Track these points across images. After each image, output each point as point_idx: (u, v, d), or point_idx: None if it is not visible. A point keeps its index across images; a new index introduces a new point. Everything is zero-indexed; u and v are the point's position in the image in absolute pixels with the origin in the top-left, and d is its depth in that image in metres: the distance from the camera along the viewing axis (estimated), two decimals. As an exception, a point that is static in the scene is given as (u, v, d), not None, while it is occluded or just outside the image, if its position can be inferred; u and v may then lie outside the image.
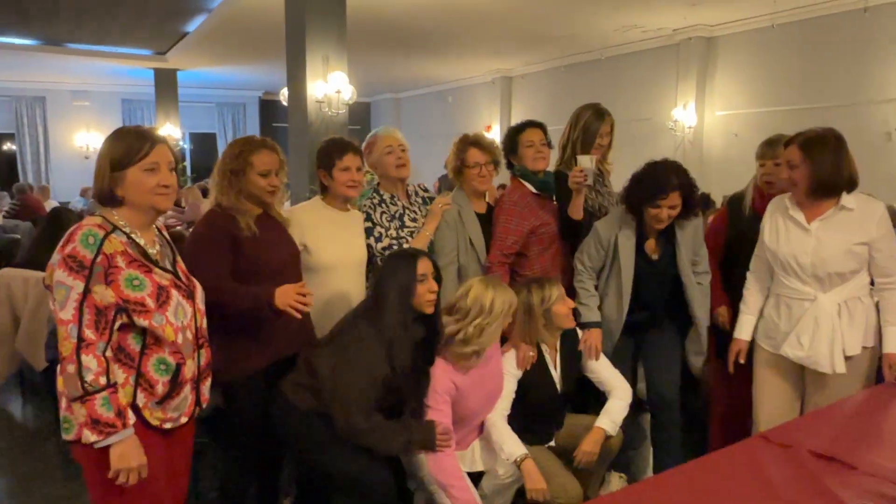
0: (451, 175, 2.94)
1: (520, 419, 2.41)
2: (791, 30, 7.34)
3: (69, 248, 1.61)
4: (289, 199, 4.56)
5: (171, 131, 11.27)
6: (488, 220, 2.88)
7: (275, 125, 13.68)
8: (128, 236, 1.71)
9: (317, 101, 5.71)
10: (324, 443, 2.14)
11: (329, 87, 5.69)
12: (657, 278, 2.66)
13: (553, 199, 2.94)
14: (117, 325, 1.64)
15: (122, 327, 1.66)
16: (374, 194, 2.84)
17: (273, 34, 6.74)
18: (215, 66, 11.07)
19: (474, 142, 2.85)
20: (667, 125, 8.44)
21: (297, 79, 5.79)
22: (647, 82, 8.98)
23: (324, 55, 5.66)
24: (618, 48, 9.16)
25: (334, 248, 2.58)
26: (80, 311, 1.59)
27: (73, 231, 1.65)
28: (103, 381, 1.59)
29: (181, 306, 1.76)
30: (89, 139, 12.50)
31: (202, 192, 7.98)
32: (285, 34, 5.93)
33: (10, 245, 6.27)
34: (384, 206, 2.82)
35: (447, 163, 2.93)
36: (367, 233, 2.72)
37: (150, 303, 1.67)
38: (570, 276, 2.80)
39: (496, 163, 2.90)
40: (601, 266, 2.73)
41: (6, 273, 3.96)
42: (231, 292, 2.16)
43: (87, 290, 1.59)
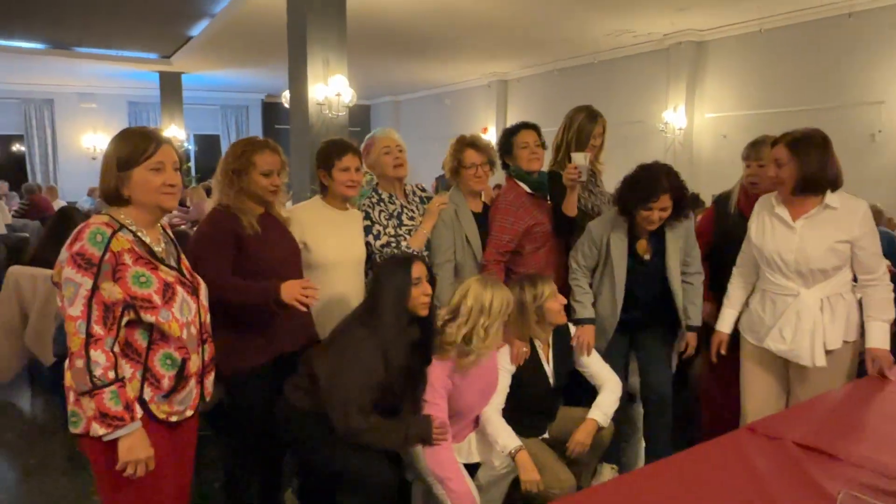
0: (448, 175, 2.99)
1: (514, 412, 2.45)
2: (778, 34, 7.39)
3: (77, 246, 1.63)
4: (290, 198, 4.60)
5: (175, 133, 11.33)
6: (484, 218, 2.92)
7: (277, 127, 13.73)
8: (134, 234, 1.72)
9: (318, 104, 5.74)
10: (325, 442, 2.17)
11: (330, 89, 5.72)
12: (649, 277, 2.71)
13: (547, 198, 2.98)
14: (125, 321, 1.66)
15: (129, 323, 1.68)
16: (373, 194, 2.88)
17: (275, 38, 6.78)
18: (219, 69, 11.11)
19: (471, 143, 2.90)
20: (657, 127, 8.48)
21: (298, 82, 5.82)
22: (639, 86, 9.02)
23: (324, 59, 5.69)
24: (610, 53, 9.22)
25: (334, 246, 2.61)
26: (88, 307, 1.60)
27: (80, 229, 1.66)
28: (111, 375, 1.61)
29: (186, 302, 1.78)
30: (96, 140, 12.57)
31: (206, 192, 8.04)
32: (287, 38, 5.95)
33: (19, 244, 6.30)
34: (382, 205, 2.86)
35: (444, 163, 2.97)
36: (366, 231, 2.76)
37: (157, 299, 1.69)
38: (563, 273, 2.85)
39: (492, 163, 2.94)
40: (595, 265, 2.77)
41: (15, 271, 4.02)
42: (237, 288, 2.18)
43: (95, 287, 1.61)
